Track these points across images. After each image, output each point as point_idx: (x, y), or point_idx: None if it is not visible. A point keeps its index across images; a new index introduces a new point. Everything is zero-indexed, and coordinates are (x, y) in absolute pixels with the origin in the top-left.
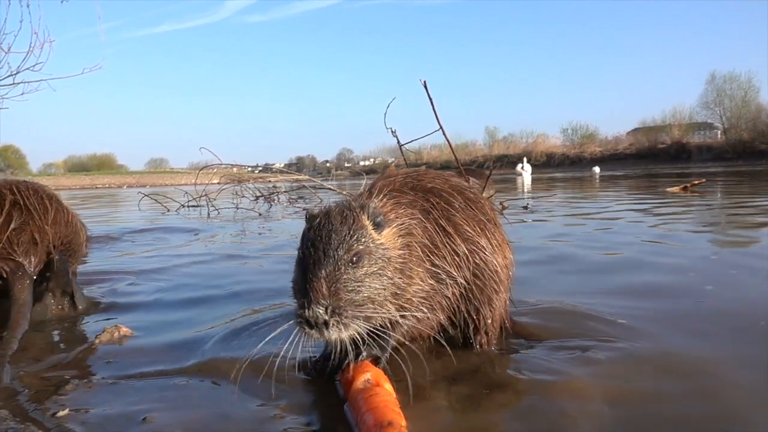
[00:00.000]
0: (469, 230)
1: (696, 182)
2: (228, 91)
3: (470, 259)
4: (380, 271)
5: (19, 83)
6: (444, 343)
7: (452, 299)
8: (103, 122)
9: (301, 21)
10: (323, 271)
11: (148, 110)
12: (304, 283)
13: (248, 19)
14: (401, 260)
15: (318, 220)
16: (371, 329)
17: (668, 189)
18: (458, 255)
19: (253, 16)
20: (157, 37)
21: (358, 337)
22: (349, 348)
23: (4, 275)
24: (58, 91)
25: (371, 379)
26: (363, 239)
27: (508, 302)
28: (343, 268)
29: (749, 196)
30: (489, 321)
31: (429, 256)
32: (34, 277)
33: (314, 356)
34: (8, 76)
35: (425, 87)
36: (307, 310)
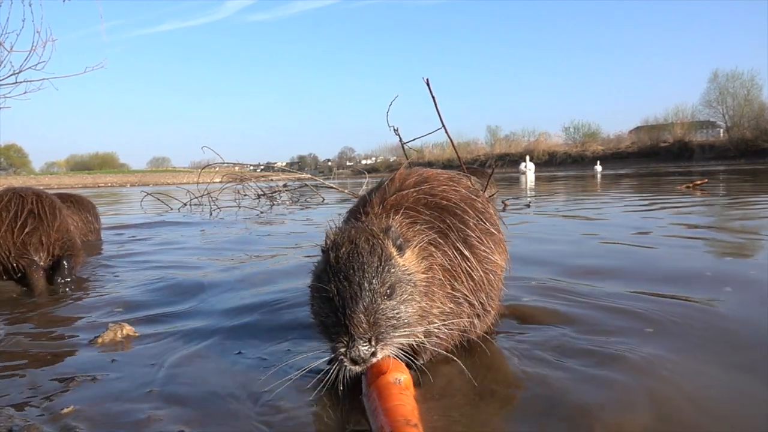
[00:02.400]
0: (484, 249)
1: (699, 182)
2: (230, 89)
3: (485, 280)
4: (410, 297)
5: (21, 82)
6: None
7: (467, 319)
8: (105, 121)
9: (303, 20)
10: (361, 305)
11: (150, 109)
12: (342, 319)
13: (250, 18)
14: (425, 283)
15: (344, 249)
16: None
17: (672, 188)
18: (474, 279)
19: (254, 15)
20: (159, 36)
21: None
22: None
23: (22, 270)
24: (60, 90)
25: (403, 381)
26: (393, 269)
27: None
28: (379, 300)
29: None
30: (491, 318)
31: (450, 281)
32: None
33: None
34: (11, 75)
35: (428, 85)
36: (351, 350)
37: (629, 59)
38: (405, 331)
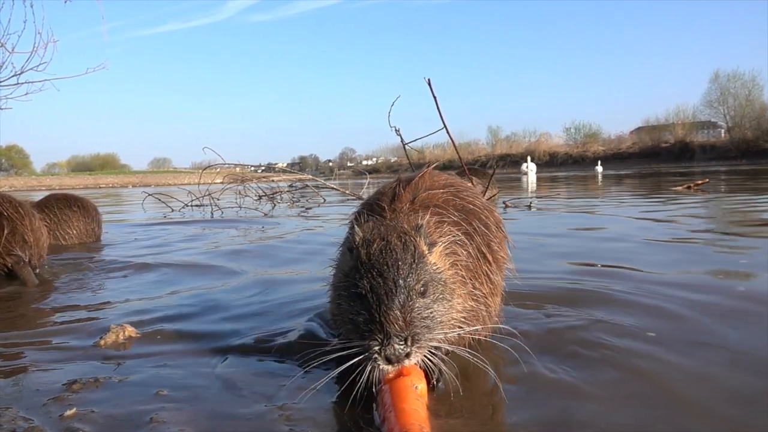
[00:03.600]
0: (503, 255)
1: (699, 182)
2: (231, 90)
3: (499, 287)
4: (441, 296)
5: (23, 83)
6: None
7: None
8: (106, 122)
9: (304, 20)
10: (397, 302)
11: (151, 110)
12: (377, 316)
13: (251, 19)
14: (452, 280)
15: (375, 245)
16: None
17: (674, 188)
18: (493, 283)
19: (256, 16)
20: (160, 36)
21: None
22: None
23: (9, 266)
24: (61, 91)
25: (420, 389)
26: (426, 267)
27: None
28: (414, 297)
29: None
30: (496, 319)
31: (472, 280)
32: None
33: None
34: (12, 76)
35: (429, 85)
36: (386, 348)
37: (630, 59)
38: (438, 333)
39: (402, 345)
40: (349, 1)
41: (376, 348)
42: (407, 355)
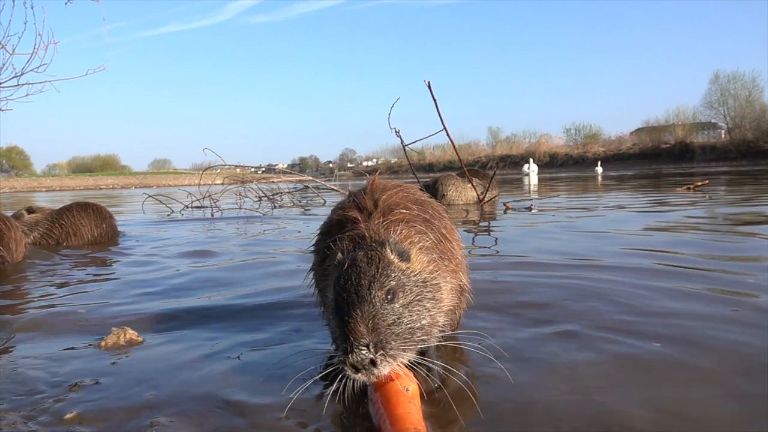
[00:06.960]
0: (456, 237)
1: (699, 183)
2: (231, 91)
3: (462, 262)
4: (417, 299)
5: (23, 84)
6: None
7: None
8: (107, 123)
9: (305, 22)
10: (358, 311)
11: (152, 111)
12: (342, 328)
13: (252, 20)
14: (433, 278)
15: (346, 264)
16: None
17: (675, 189)
18: (457, 259)
19: (256, 17)
20: (160, 38)
21: (408, 364)
22: None
23: None
24: (62, 92)
25: (411, 390)
26: (393, 274)
27: None
28: (378, 305)
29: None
30: (468, 297)
31: (444, 261)
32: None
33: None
34: (13, 77)
35: (429, 87)
36: (350, 356)
37: (630, 60)
38: (412, 337)
39: (365, 350)
40: (349, 3)
41: (342, 357)
42: (372, 362)
